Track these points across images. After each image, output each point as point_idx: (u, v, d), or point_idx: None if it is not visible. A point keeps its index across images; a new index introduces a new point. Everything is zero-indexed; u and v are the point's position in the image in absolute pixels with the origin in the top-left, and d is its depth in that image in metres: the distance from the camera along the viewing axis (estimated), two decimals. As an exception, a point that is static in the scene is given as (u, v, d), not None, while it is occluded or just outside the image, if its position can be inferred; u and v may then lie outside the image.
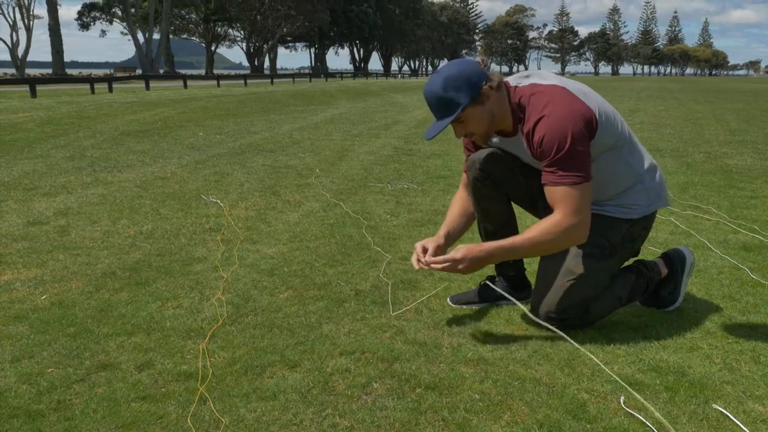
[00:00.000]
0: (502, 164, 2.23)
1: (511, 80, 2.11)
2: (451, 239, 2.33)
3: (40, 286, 2.65)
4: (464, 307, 2.42)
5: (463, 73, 2.00)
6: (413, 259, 2.15)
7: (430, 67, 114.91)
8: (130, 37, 50.59)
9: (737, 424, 1.62)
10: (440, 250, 2.22)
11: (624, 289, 2.26)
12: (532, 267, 2.55)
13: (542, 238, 2.01)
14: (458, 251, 2.04)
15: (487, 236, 2.41)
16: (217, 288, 2.62)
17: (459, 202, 2.41)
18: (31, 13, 48.67)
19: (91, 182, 5.04)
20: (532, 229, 2.04)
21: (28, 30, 48.11)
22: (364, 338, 2.14)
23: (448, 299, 2.48)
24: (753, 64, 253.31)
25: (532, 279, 2.46)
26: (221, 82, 33.61)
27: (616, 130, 2.06)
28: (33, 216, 3.88)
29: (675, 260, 2.39)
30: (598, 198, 2.16)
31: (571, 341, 2.01)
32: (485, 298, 2.44)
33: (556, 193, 1.98)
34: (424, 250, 2.16)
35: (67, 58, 52.07)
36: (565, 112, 1.94)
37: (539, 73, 2.13)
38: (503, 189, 2.29)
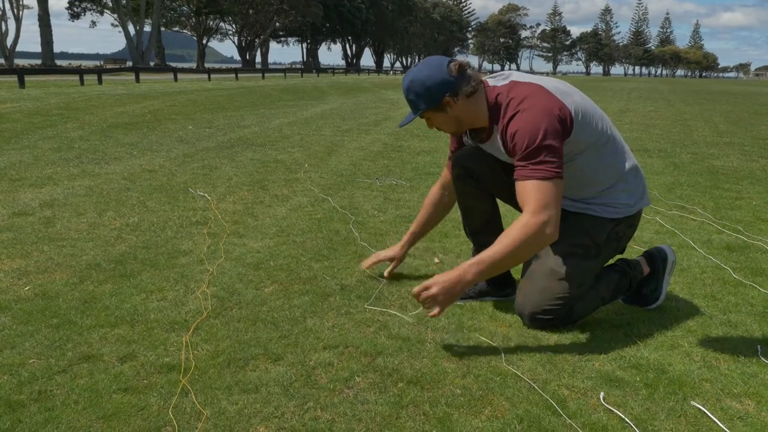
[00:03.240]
0: (484, 162, 2.24)
1: (490, 80, 2.13)
2: (418, 235, 2.62)
3: (23, 276, 2.64)
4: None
5: (426, 82, 2.03)
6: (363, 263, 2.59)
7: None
8: (120, 28, 50.27)
9: (715, 422, 1.64)
10: (398, 262, 2.61)
11: (608, 290, 2.28)
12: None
13: (515, 241, 1.91)
14: (433, 285, 1.92)
15: (471, 234, 2.45)
16: (202, 281, 2.62)
17: (430, 194, 2.57)
18: (21, 2, 48.20)
19: (78, 174, 5.02)
20: (503, 237, 1.94)
21: (17, 20, 47.64)
22: (348, 332, 2.15)
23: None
24: (743, 67, 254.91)
25: (517, 275, 2.48)
26: (212, 75, 33.46)
27: (595, 129, 2.07)
28: (18, 207, 3.86)
29: (657, 259, 2.41)
30: (581, 196, 2.18)
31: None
32: (469, 294, 2.45)
33: (526, 188, 1.94)
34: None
35: (56, 48, 51.74)
36: (539, 108, 1.95)
37: (518, 73, 2.15)
38: (485, 187, 2.31)
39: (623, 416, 1.66)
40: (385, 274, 2.66)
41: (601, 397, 1.75)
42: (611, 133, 2.14)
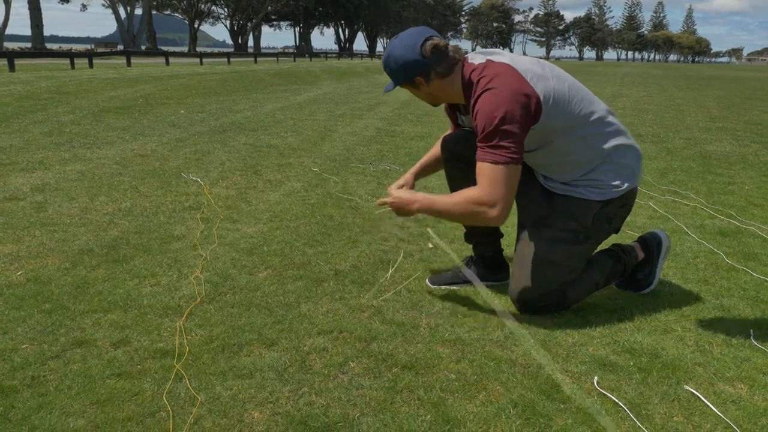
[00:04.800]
0: (472, 146, 2.23)
1: (470, 56, 2.12)
2: (427, 167, 2.51)
3: (15, 261, 2.62)
4: (443, 287, 2.43)
5: (400, 60, 2.10)
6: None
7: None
8: (111, 11, 49.73)
9: (707, 405, 1.65)
10: (409, 186, 2.43)
11: (602, 275, 2.27)
12: (510, 249, 2.57)
13: (457, 204, 2.04)
14: (391, 197, 2.22)
15: None
16: (195, 266, 2.60)
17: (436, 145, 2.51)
18: (10, -15, 47.53)
19: (70, 158, 4.98)
20: (455, 195, 2.09)
21: (7, 3, 47.06)
22: (342, 318, 2.14)
23: (426, 280, 2.49)
24: (735, 52, 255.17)
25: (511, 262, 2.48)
26: (204, 59, 33.20)
27: (571, 114, 2.03)
28: (9, 191, 3.83)
29: (651, 244, 2.41)
30: (565, 178, 2.16)
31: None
32: (463, 279, 2.45)
33: (480, 169, 1.99)
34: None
35: (46, 32, 51.09)
36: (503, 91, 1.95)
37: (496, 51, 2.12)
38: (474, 169, 2.29)
39: (617, 400, 1.67)
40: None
41: (595, 382, 1.76)
42: (598, 117, 2.09)
